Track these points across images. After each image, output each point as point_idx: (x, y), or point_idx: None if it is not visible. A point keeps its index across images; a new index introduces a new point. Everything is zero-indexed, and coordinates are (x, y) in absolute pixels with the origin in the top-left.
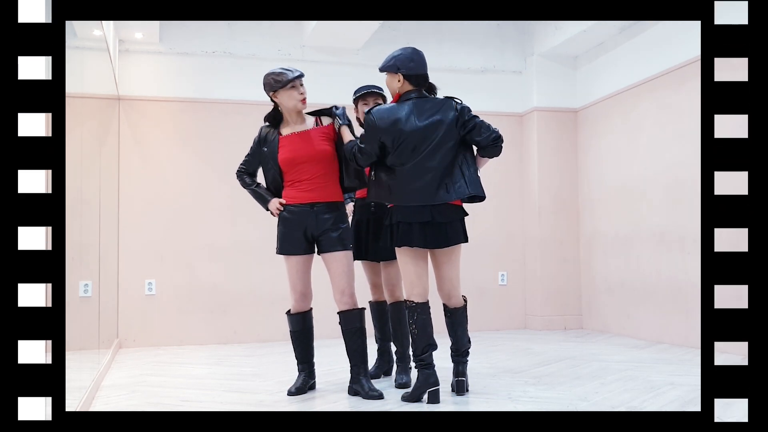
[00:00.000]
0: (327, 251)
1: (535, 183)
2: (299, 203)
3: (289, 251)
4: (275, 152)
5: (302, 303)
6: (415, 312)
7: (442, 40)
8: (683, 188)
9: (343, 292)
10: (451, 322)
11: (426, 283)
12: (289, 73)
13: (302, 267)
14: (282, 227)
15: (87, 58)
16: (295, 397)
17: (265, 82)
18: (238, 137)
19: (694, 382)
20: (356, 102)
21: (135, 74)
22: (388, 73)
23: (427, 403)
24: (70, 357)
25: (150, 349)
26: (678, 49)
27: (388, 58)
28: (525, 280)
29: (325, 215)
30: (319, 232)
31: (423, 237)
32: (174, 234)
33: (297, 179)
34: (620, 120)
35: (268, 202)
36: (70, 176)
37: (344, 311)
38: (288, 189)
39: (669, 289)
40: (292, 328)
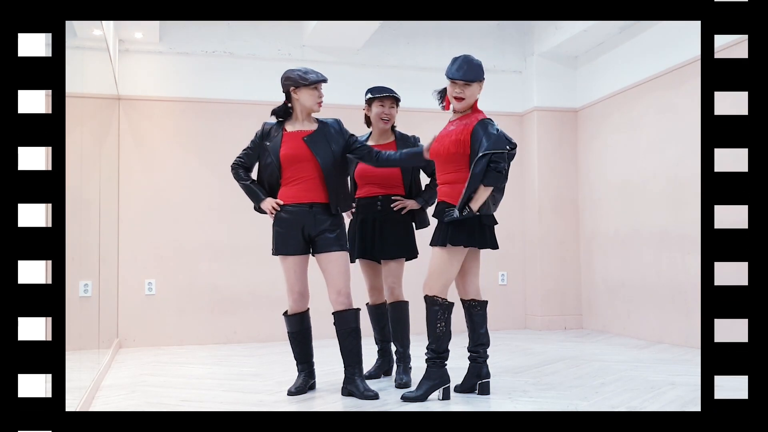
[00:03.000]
0: (324, 251)
1: (535, 183)
2: (297, 203)
3: (286, 251)
4: (278, 147)
5: (300, 303)
6: (447, 311)
7: (442, 40)
8: (683, 188)
9: (340, 292)
10: (482, 315)
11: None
12: (315, 75)
13: (300, 267)
14: (278, 227)
15: (87, 58)
16: (295, 397)
17: (288, 76)
18: (238, 137)
19: (694, 382)
20: (370, 102)
21: (135, 74)
22: (480, 81)
23: (441, 399)
24: (70, 357)
25: (150, 349)
26: (678, 49)
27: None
28: (525, 280)
29: (323, 215)
30: (317, 232)
31: (492, 238)
32: (174, 234)
33: (295, 177)
34: (620, 120)
35: (261, 200)
36: (70, 177)
37: (339, 311)
38: (285, 188)
39: (669, 289)
40: (291, 329)
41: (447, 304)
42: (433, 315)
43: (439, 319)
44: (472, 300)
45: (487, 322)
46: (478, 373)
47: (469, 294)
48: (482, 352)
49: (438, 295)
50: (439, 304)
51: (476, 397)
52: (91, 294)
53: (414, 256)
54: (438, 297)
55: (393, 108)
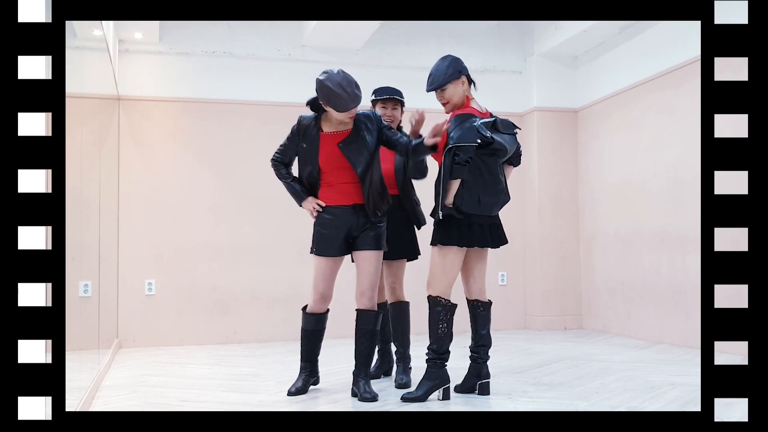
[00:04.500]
0: (360, 249)
1: (535, 183)
2: (340, 204)
3: (325, 252)
4: (316, 152)
5: (321, 304)
6: (449, 312)
7: (442, 40)
8: (683, 188)
9: (363, 293)
10: (485, 315)
11: None
12: (351, 103)
13: (330, 270)
14: (322, 228)
15: (87, 58)
16: (295, 397)
17: (326, 92)
18: (237, 137)
19: (694, 382)
20: (374, 104)
21: (135, 74)
22: (452, 82)
23: (441, 400)
24: (70, 357)
25: (150, 349)
26: (678, 49)
27: (436, 72)
28: (525, 280)
29: (367, 216)
30: (360, 231)
31: (491, 237)
32: (174, 234)
33: (336, 181)
34: (620, 120)
35: (303, 200)
36: (70, 176)
37: (362, 311)
38: (326, 189)
39: (669, 289)
40: (305, 326)
41: (449, 305)
42: (435, 316)
43: (441, 320)
44: (475, 300)
45: (490, 323)
46: (478, 374)
47: (472, 294)
48: (483, 353)
49: (441, 295)
50: (442, 305)
51: (476, 397)
52: (91, 294)
53: (415, 257)
54: (441, 297)
55: (396, 110)
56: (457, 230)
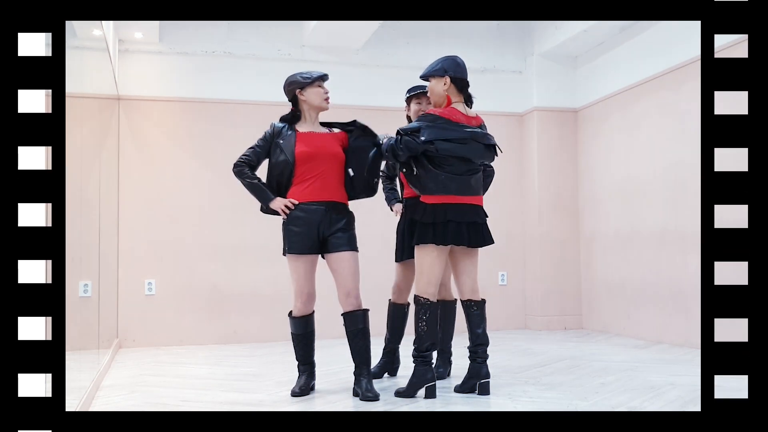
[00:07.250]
0: (335, 251)
1: (535, 183)
2: (313, 201)
3: (300, 251)
4: (292, 145)
5: (308, 306)
6: (429, 309)
7: (442, 40)
8: (683, 188)
9: (349, 294)
10: (479, 315)
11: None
12: (315, 72)
13: (310, 268)
14: (294, 226)
15: (87, 58)
16: (295, 397)
17: (290, 80)
18: (237, 137)
19: (694, 382)
20: (409, 101)
21: (135, 74)
22: (435, 77)
23: (424, 398)
24: (70, 357)
25: (150, 349)
26: (678, 49)
27: (434, 63)
28: (525, 280)
29: (338, 215)
30: (331, 231)
31: (468, 236)
32: (174, 234)
33: (309, 175)
34: (620, 120)
35: (270, 199)
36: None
37: (349, 312)
38: (297, 186)
39: (669, 289)
40: (296, 331)
41: (429, 303)
42: (416, 314)
43: (420, 318)
44: (468, 300)
45: (485, 322)
46: (478, 373)
47: (464, 294)
48: (481, 352)
49: (422, 294)
50: (421, 303)
51: (476, 397)
52: (91, 294)
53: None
54: (421, 297)
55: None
56: (432, 229)
